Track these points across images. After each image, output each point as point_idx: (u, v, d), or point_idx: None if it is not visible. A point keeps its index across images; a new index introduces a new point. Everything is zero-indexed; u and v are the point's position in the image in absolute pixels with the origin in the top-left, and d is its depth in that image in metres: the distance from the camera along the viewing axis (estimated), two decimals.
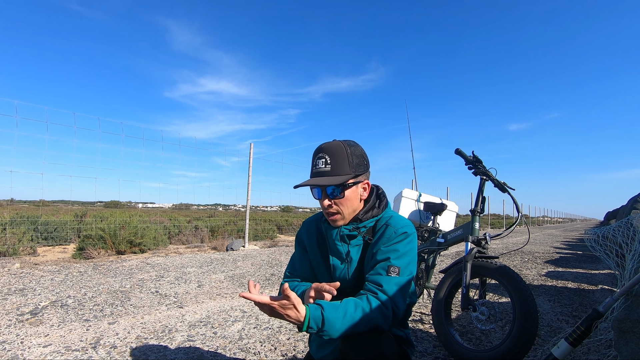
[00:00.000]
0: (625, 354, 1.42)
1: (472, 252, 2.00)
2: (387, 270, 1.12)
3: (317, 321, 0.98)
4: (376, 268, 1.14)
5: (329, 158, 1.16)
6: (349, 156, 1.17)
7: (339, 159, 1.16)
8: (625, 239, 2.35)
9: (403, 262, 1.14)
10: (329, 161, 1.15)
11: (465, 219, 21.04)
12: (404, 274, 1.13)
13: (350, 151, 1.18)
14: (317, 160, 1.18)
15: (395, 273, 1.12)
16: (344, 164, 1.16)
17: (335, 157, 1.16)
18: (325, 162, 1.16)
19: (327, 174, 1.15)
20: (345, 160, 1.16)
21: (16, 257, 5.29)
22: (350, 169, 1.16)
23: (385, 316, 1.07)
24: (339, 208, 1.18)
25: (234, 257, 5.89)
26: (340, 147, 1.17)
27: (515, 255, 6.87)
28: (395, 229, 1.18)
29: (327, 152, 1.17)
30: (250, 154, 7.83)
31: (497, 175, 2.17)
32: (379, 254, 1.15)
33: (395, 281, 1.11)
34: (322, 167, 1.16)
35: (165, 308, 2.88)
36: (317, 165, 1.17)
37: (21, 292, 3.25)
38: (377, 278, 1.12)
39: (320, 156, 1.18)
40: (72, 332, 2.28)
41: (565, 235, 14.06)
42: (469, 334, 2.39)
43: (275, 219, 13.59)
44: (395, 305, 1.09)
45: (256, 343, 2.17)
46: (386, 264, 1.13)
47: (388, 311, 1.07)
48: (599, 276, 4.69)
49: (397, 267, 1.12)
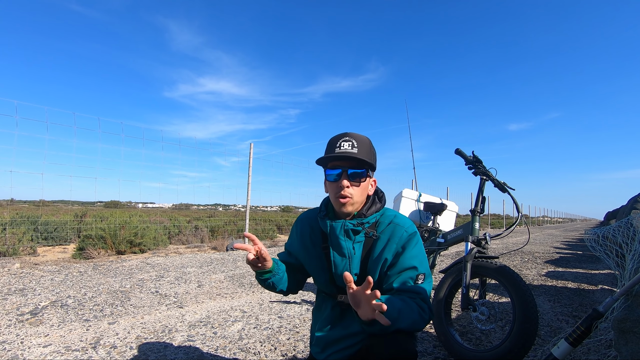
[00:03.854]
0: (625, 354, 1.42)
1: (472, 252, 2.00)
2: (416, 278, 1.16)
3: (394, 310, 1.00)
4: (404, 277, 1.16)
5: (355, 142, 1.18)
6: (372, 149, 1.23)
7: (364, 146, 1.19)
8: (625, 239, 2.35)
9: (426, 266, 1.20)
10: (356, 145, 1.17)
11: (465, 219, 21.04)
12: (428, 276, 1.20)
13: (371, 145, 1.24)
14: (341, 142, 1.18)
15: (422, 279, 1.17)
16: (369, 153, 1.20)
17: (361, 144, 1.19)
18: (352, 145, 1.17)
19: (354, 155, 1.15)
20: (370, 150, 1.21)
21: (16, 257, 5.29)
22: (373, 160, 1.22)
23: (424, 320, 1.10)
24: (354, 193, 1.18)
25: (234, 257, 5.89)
26: (366, 138, 1.22)
27: (515, 255, 6.87)
28: (405, 227, 1.21)
29: (354, 138, 1.19)
30: (250, 154, 7.84)
31: (497, 175, 2.17)
32: (403, 260, 1.17)
33: (428, 287, 1.18)
34: (348, 148, 1.16)
35: (165, 308, 2.88)
36: (343, 146, 1.17)
37: (21, 292, 3.25)
38: (412, 287, 1.15)
39: (346, 139, 1.18)
40: (72, 332, 2.28)
41: (565, 235, 14.06)
42: (469, 334, 2.39)
43: (275, 219, 13.58)
44: (430, 309, 1.13)
45: (256, 343, 2.17)
46: (414, 272, 1.17)
47: (426, 314, 1.11)
48: (599, 276, 4.69)
49: (424, 273, 1.18)
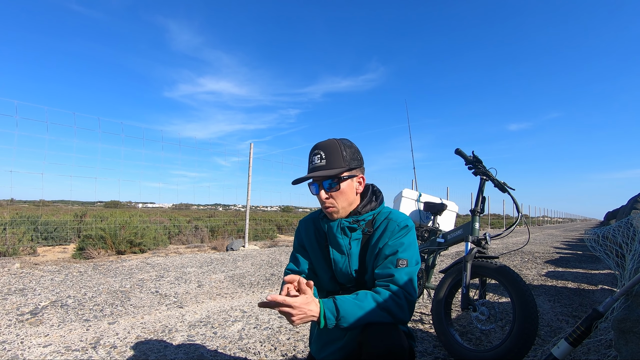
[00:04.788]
0: (625, 354, 1.42)
1: (472, 252, 2.00)
2: (396, 263, 1.17)
3: (332, 310, 1.03)
4: (385, 262, 1.19)
5: (323, 154, 1.22)
6: (343, 151, 1.23)
7: (333, 154, 1.22)
8: (625, 239, 2.35)
9: (410, 254, 1.20)
10: (324, 156, 1.22)
11: (465, 219, 21.04)
12: (412, 264, 1.19)
13: (343, 147, 1.24)
14: (312, 157, 1.25)
15: (404, 265, 1.17)
16: (338, 158, 1.22)
17: (329, 153, 1.22)
18: (320, 158, 1.22)
19: (322, 168, 1.21)
20: (339, 155, 1.22)
21: (16, 257, 5.29)
22: (344, 163, 1.22)
23: (399, 305, 1.10)
24: (335, 201, 1.23)
25: (234, 257, 5.89)
26: (334, 143, 1.24)
27: (515, 255, 6.87)
28: (398, 222, 1.23)
29: (322, 149, 1.23)
30: (250, 154, 7.84)
31: (497, 175, 2.17)
32: (386, 248, 1.20)
33: (406, 271, 1.16)
34: (317, 162, 1.22)
35: (165, 308, 2.88)
36: (313, 162, 1.24)
37: (21, 292, 3.25)
38: (387, 271, 1.16)
39: (315, 152, 1.24)
40: (72, 332, 2.28)
41: (565, 235, 14.06)
42: (469, 334, 2.39)
43: (275, 219, 13.58)
44: (407, 293, 1.13)
45: (256, 343, 2.17)
46: (395, 257, 1.18)
47: (401, 300, 1.11)
48: (599, 276, 4.69)
49: (406, 259, 1.18)
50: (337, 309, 1.03)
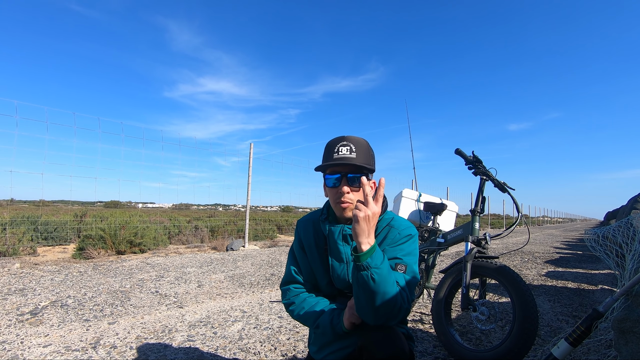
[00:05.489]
0: (625, 354, 1.42)
1: (472, 252, 2.00)
2: (395, 267, 1.14)
3: (381, 256, 1.00)
4: None
5: (353, 147, 1.16)
6: (371, 150, 1.21)
7: (363, 150, 1.17)
8: (625, 239, 2.35)
9: (409, 261, 1.17)
10: (354, 149, 1.16)
11: (465, 219, 21.03)
12: (409, 272, 1.16)
13: (370, 147, 1.21)
14: (339, 147, 1.17)
15: (403, 270, 1.14)
16: (368, 156, 1.18)
17: (360, 148, 1.17)
18: (350, 150, 1.15)
19: (352, 161, 1.14)
20: (368, 153, 1.19)
21: (16, 257, 5.29)
22: (372, 163, 1.20)
23: (404, 300, 1.06)
24: (355, 198, 1.18)
25: (234, 257, 5.89)
26: (364, 141, 1.20)
27: (515, 255, 6.87)
28: (399, 230, 1.20)
29: (351, 142, 1.17)
30: (250, 154, 7.84)
31: (497, 175, 2.17)
32: (386, 253, 1.17)
33: (404, 277, 1.14)
34: (346, 153, 1.15)
35: (165, 308, 2.88)
36: (341, 152, 1.16)
37: (21, 292, 3.25)
38: None
39: (344, 144, 1.17)
40: (72, 332, 2.28)
41: (565, 235, 14.06)
42: (469, 334, 2.39)
43: (275, 219, 13.57)
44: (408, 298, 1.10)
45: (256, 343, 2.17)
46: (394, 262, 1.15)
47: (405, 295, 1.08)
48: (599, 276, 4.69)
49: (405, 265, 1.15)
50: (383, 261, 1.00)
